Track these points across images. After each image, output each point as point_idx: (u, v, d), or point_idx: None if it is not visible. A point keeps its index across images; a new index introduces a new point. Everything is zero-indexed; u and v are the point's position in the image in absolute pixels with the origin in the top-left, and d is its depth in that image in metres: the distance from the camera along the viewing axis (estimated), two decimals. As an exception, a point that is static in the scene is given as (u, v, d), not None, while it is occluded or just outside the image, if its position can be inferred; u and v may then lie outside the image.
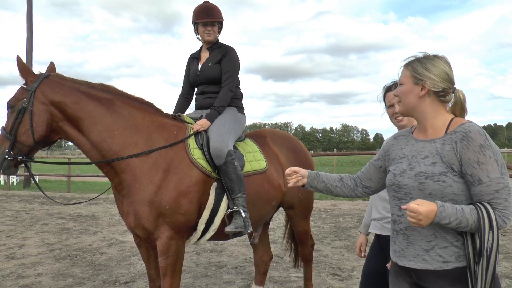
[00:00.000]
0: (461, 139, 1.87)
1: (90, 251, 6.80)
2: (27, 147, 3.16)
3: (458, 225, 1.79)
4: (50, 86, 3.19)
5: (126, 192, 3.23)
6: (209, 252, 6.64)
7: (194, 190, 3.27)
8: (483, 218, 1.77)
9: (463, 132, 1.88)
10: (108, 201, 13.10)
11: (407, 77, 2.03)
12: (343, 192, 2.35)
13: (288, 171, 2.30)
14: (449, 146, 1.90)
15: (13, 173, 3.21)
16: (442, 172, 1.88)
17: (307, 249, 4.41)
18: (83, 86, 3.29)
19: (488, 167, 1.82)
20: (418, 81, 1.99)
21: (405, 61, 2.09)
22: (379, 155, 2.30)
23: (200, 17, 3.79)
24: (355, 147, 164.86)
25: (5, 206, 12.46)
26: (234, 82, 3.80)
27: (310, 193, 4.23)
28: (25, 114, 3.12)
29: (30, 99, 3.12)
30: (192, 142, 3.44)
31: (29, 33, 20.04)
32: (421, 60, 2.03)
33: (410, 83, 2.02)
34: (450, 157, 1.88)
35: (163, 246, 3.19)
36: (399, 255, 2.05)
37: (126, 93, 3.45)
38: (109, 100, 3.29)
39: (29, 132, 3.11)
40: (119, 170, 3.22)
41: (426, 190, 1.90)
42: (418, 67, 2.00)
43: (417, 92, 2.00)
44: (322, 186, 2.33)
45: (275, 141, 4.13)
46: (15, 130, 3.11)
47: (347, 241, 7.32)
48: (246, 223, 3.36)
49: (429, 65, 1.99)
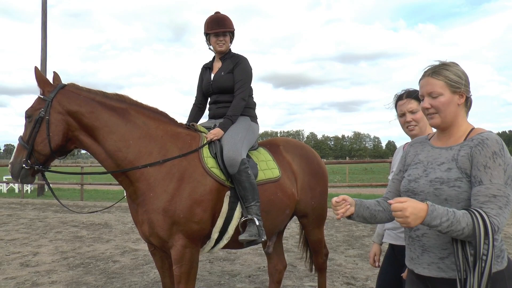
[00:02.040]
0: (477, 144, 1.86)
1: (103, 259, 6.83)
2: (44, 156, 3.20)
3: (449, 227, 1.71)
4: (66, 96, 3.23)
5: (140, 201, 3.25)
6: (222, 261, 6.62)
7: (208, 199, 3.28)
8: (478, 224, 1.71)
9: (480, 139, 1.87)
10: (120, 210, 13.15)
11: (443, 87, 1.96)
12: (385, 216, 2.18)
13: (338, 199, 2.05)
14: (464, 152, 1.89)
15: (30, 182, 3.24)
16: (458, 177, 1.87)
17: (321, 258, 4.38)
18: (99, 96, 3.33)
19: (493, 172, 1.80)
20: (456, 89, 1.95)
21: (429, 70, 2.02)
22: (399, 168, 2.24)
23: (212, 27, 3.82)
24: (367, 154, 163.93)
25: (19, 214, 12.56)
26: (247, 91, 3.81)
27: (323, 201, 4.21)
28: (42, 123, 3.16)
29: (47, 109, 3.16)
30: (206, 151, 3.45)
31: (43, 42, 20.31)
32: (448, 68, 1.98)
33: (448, 93, 1.95)
34: (464, 162, 1.87)
35: (178, 255, 3.20)
36: (415, 262, 2.02)
37: (140, 103, 3.48)
38: (124, 110, 3.32)
39: (46, 141, 3.15)
40: (133, 179, 3.25)
41: (442, 196, 1.88)
42: (450, 75, 1.95)
43: (456, 101, 1.97)
44: (367, 213, 2.13)
45: (288, 149, 4.12)
46: (32, 140, 3.15)
47: (361, 250, 7.26)
48: (260, 231, 3.36)
49: (459, 72, 1.97)
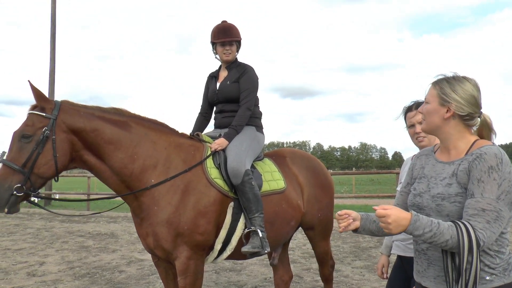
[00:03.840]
0: (474, 158, 1.84)
1: (109, 269, 6.82)
2: (43, 180, 2.97)
3: (432, 238, 1.73)
4: (68, 113, 3.06)
5: (145, 215, 3.22)
6: (229, 271, 6.60)
7: (212, 210, 3.26)
8: (463, 237, 1.71)
9: (478, 153, 1.85)
10: (126, 219, 13.16)
11: (434, 96, 1.99)
12: None
13: (341, 213, 2.06)
14: (463, 167, 1.88)
15: (17, 211, 2.88)
16: (458, 193, 1.86)
17: (327, 269, 4.35)
18: (97, 111, 3.21)
19: (486, 186, 1.78)
20: (444, 103, 1.95)
21: (435, 78, 2.04)
22: (407, 181, 2.22)
23: (218, 37, 3.78)
24: (373, 165, 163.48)
25: (26, 224, 12.61)
26: (253, 100, 3.77)
27: (330, 213, 4.19)
28: (46, 143, 2.93)
29: (52, 127, 2.95)
30: (210, 161, 3.42)
31: (52, 54, 20.53)
32: (450, 80, 1.98)
33: (436, 103, 1.97)
34: (462, 177, 1.87)
35: (182, 266, 3.18)
36: (422, 275, 2.02)
37: (138, 115, 3.41)
38: (125, 123, 3.24)
39: (52, 162, 2.94)
40: (138, 194, 3.21)
41: (444, 212, 1.88)
42: (446, 88, 1.95)
43: (442, 114, 1.96)
44: (374, 227, 2.12)
45: (294, 161, 4.10)
46: (32, 162, 2.87)
47: (368, 261, 7.21)
48: (264, 243, 3.32)
49: (458, 87, 1.94)
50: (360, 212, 2.13)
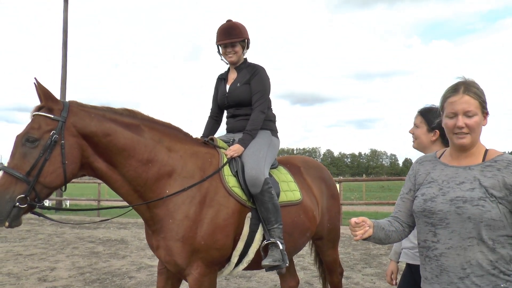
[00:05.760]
0: (506, 166, 1.89)
1: (119, 275, 6.85)
2: (49, 190, 2.66)
3: None
4: (78, 115, 2.75)
5: (158, 228, 2.98)
6: (238, 278, 6.59)
7: (231, 223, 3.05)
8: None
9: (506, 160, 1.90)
10: (137, 226, 13.20)
11: (478, 107, 1.93)
12: (398, 236, 2.17)
13: (357, 220, 2.01)
14: (491, 173, 1.90)
15: (19, 224, 2.55)
16: (481, 197, 1.87)
17: (336, 277, 4.33)
18: (108, 113, 2.91)
19: None
20: (484, 109, 1.96)
21: (462, 87, 1.96)
22: (409, 187, 2.21)
23: (219, 38, 3.61)
24: (384, 172, 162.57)
25: (37, 230, 12.74)
26: (266, 103, 3.57)
27: (338, 222, 4.18)
28: (54, 149, 2.61)
29: (61, 131, 2.64)
30: (227, 169, 3.22)
31: (64, 61, 20.79)
32: (477, 87, 1.96)
33: (480, 114, 1.95)
34: (491, 183, 1.88)
35: (195, 283, 2.97)
36: (431, 282, 2.01)
37: (152, 118, 3.15)
38: (137, 127, 2.97)
39: (60, 170, 2.63)
40: (151, 205, 2.96)
41: (465, 214, 1.88)
42: (483, 96, 1.95)
43: (482, 122, 1.97)
44: (383, 234, 2.10)
45: (308, 171, 4.00)
46: (38, 170, 2.55)
47: (378, 269, 7.16)
48: (284, 255, 3.14)
49: (483, 90, 1.96)
50: (372, 219, 2.11)
